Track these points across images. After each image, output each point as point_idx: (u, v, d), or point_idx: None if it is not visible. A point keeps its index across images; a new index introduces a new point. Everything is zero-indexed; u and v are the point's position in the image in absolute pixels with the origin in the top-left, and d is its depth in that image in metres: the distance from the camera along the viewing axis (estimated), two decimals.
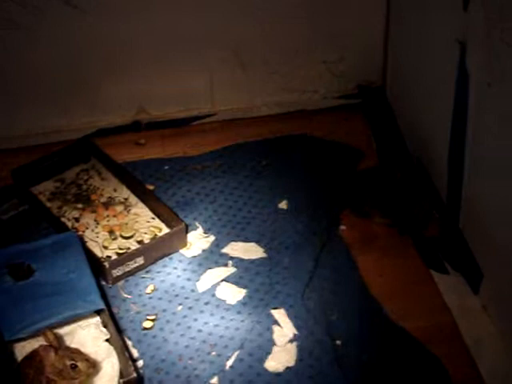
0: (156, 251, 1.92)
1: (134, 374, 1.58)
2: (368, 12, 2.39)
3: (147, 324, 1.77)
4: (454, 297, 1.81)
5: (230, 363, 1.67)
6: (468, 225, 1.84)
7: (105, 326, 1.69)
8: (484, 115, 1.60)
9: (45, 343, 1.55)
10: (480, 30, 1.53)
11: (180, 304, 1.81)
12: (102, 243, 1.97)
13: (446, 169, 1.90)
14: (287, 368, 1.65)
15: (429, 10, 1.90)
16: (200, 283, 1.87)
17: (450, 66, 1.73)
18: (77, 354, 1.55)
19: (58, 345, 1.56)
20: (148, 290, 1.85)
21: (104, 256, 1.93)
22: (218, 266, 1.92)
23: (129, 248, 1.95)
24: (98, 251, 1.94)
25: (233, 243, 1.98)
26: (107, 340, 1.66)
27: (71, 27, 2.19)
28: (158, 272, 1.91)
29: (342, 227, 2.04)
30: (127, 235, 1.99)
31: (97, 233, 2.01)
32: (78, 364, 1.52)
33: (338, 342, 1.70)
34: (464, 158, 1.76)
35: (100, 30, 2.21)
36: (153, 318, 1.78)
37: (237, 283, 1.87)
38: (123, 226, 2.02)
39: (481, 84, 1.58)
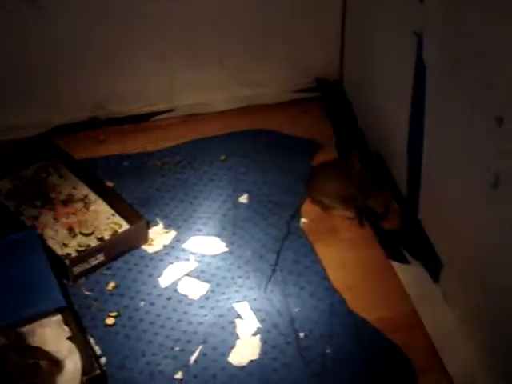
0: (117, 248, 1.91)
1: (97, 371, 1.56)
2: (324, 6, 2.39)
3: (109, 321, 1.75)
4: (414, 286, 1.83)
5: (193, 358, 1.66)
6: (427, 215, 1.86)
7: (66, 324, 1.66)
8: (442, 106, 1.61)
9: (5, 342, 1.52)
10: (436, 21, 1.55)
11: (142, 300, 1.80)
12: (62, 241, 1.95)
13: (405, 161, 1.92)
14: (251, 361, 1.66)
15: (385, 3, 1.92)
16: (162, 279, 1.86)
17: (408, 58, 1.74)
18: (39, 352, 1.53)
19: (20, 344, 1.54)
20: (109, 287, 1.84)
21: (64, 254, 1.91)
22: (180, 261, 1.91)
23: (89, 245, 1.93)
24: (57, 249, 1.92)
25: (194, 238, 1.98)
26: (69, 338, 1.64)
27: (27, 24, 2.16)
28: (119, 268, 1.89)
29: (303, 220, 2.04)
30: (87, 232, 1.98)
31: (56, 230, 1.99)
32: (40, 362, 1.50)
33: (302, 335, 1.71)
34: (422, 149, 1.78)
35: (57, 27, 2.18)
36: (115, 314, 1.77)
37: (199, 278, 1.87)
38: (83, 223, 2.01)
39: (438, 75, 1.60)
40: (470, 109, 1.45)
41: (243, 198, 2.11)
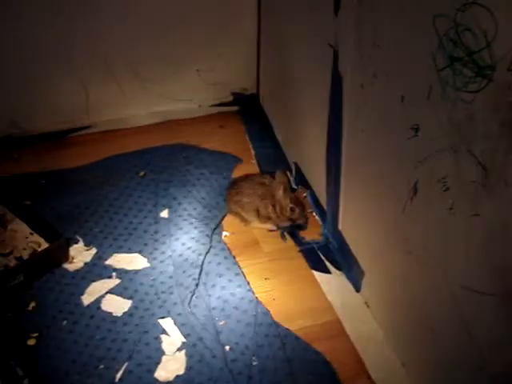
0: (36, 267, 1.87)
1: None
2: (239, 21, 2.41)
3: (31, 342, 1.71)
4: (337, 295, 1.86)
5: (119, 375, 1.64)
6: (347, 226, 1.89)
7: None
8: (359, 118, 1.64)
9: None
10: (351, 34, 1.58)
11: (64, 319, 1.77)
12: None
13: (324, 173, 1.94)
14: (177, 376, 1.65)
15: (301, 16, 1.94)
16: (84, 297, 1.83)
17: (324, 70, 1.77)
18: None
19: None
20: (30, 307, 1.80)
21: None
22: (102, 279, 1.89)
23: (7, 265, 1.88)
24: None
25: (116, 255, 1.96)
26: None
27: None
28: (40, 288, 1.85)
29: (225, 233, 2.05)
30: (5, 252, 1.93)
31: None
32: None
33: (227, 348, 1.71)
34: (341, 161, 1.80)
35: None
36: (36, 335, 1.73)
37: (122, 295, 1.85)
38: (0, 243, 1.96)
39: (354, 86, 1.63)
40: (386, 120, 1.49)
41: (164, 213, 2.10)
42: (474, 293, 1.23)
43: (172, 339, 1.73)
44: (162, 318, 1.78)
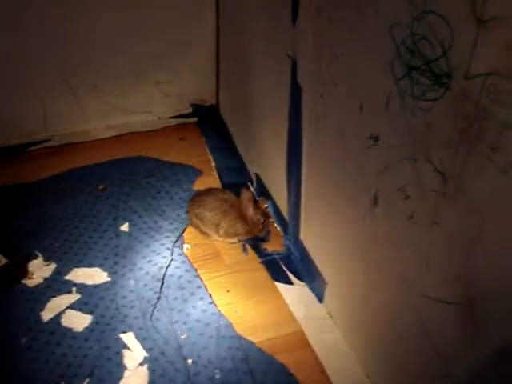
0: None
1: None
2: (198, 33, 2.41)
3: None
4: (300, 307, 1.85)
5: None
6: (309, 236, 1.88)
7: None
8: (318, 126, 1.64)
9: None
10: (309, 43, 1.57)
11: (24, 336, 1.74)
12: None
13: (285, 183, 1.94)
14: None
15: (259, 26, 1.93)
16: (44, 313, 1.80)
17: (283, 80, 1.77)
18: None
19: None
20: None
21: None
22: (62, 294, 1.86)
23: None
24: None
25: (76, 269, 1.93)
26: None
27: None
28: None
29: (187, 246, 2.04)
30: None
31: None
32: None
33: (190, 361, 1.69)
34: (301, 171, 1.80)
35: None
36: None
37: (82, 310, 1.82)
38: None
39: (314, 96, 1.62)
40: (345, 129, 1.49)
41: (124, 227, 2.08)
42: (436, 301, 1.23)
43: (134, 354, 1.70)
44: (124, 332, 1.76)
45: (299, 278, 1.93)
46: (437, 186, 1.15)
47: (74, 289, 1.87)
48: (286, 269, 1.96)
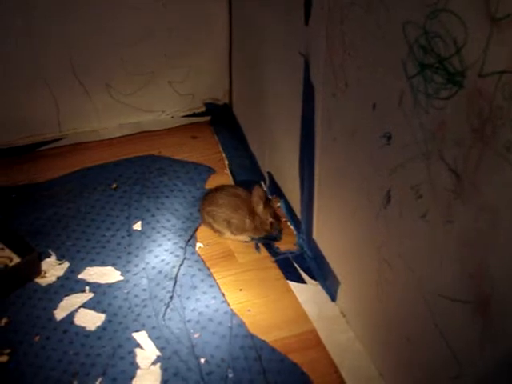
0: (8, 282, 1.84)
1: None
2: (211, 31, 2.41)
3: (3, 358, 1.68)
4: (313, 306, 1.85)
5: None
6: (322, 235, 1.88)
7: None
8: (331, 125, 1.64)
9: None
10: (322, 43, 1.57)
11: (37, 335, 1.74)
12: None
13: (298, 181, 1.94)
14: None
15: (272, 25, 1.94)
16: (57, 311, 1.81)
17: (296, 79, 1.77)
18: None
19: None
20: (2, 323, 1.77)
21: None
22: (75, 293, 1.86)
23: None
24: None
25: (89, 268, 1.94)
26: None
27: None
28: (12, 303, 1.82)
29: (199, 245, 2.04)
30: None
31: None
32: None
33: (203, 360, 1.69)
34: (314, 170, 1.80)
35: None
36: (8, 351, 1.70)
37: (95, 309, 1.82)
38: None
39: (326, 95, 1.62)
40: (358, 128, 1.49)
41: (137, 226, 2.08)
42: (449, 300, 1.22)
43: (146, 353, 1.71)
44: (136, 331, 1.76)
45: (312, 277, 1.93)
46: (450, 185, 1.14)
47: (87, 288, 1.88)
48: (298, 268, 1.96)
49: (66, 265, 1.94)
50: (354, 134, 1.52)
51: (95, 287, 1.88)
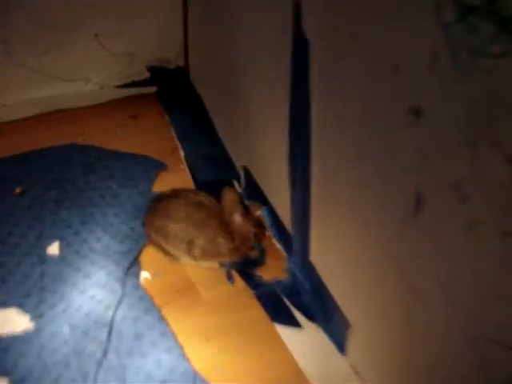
0: None
1: None
2: None
3: None
4: (312, 360, 1.86)
5: None
6: (322, 257, 1.89)
7: None
8: (332, 97, 1.64)
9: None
10: None
11: None
12: None
13: (287, 180, 1.94)
14: None
15: None
16: None
17: (282, 33, 1.76)
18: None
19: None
20: None
21: None
22: None
23: None
24: None
25: None
26: None
27: None
28: None
29: (145, 275, 2.05)
30: None
31: None
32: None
33: None
34: (309, 161, 1.80)
35: None
36: None
37: None
38: None
39: (324, 53, 1.62)
40: (372, 101, 1.49)
41: (53, 248, 2.08)
42: (505, 348, 1.23)
43: None
44: None
45: (310, 318, 1.94)
46: (508, 182, 1.15)
47: None
48: (289, 304, 1.97)
49: None
50: (366, 110, 1.52)
51: None
